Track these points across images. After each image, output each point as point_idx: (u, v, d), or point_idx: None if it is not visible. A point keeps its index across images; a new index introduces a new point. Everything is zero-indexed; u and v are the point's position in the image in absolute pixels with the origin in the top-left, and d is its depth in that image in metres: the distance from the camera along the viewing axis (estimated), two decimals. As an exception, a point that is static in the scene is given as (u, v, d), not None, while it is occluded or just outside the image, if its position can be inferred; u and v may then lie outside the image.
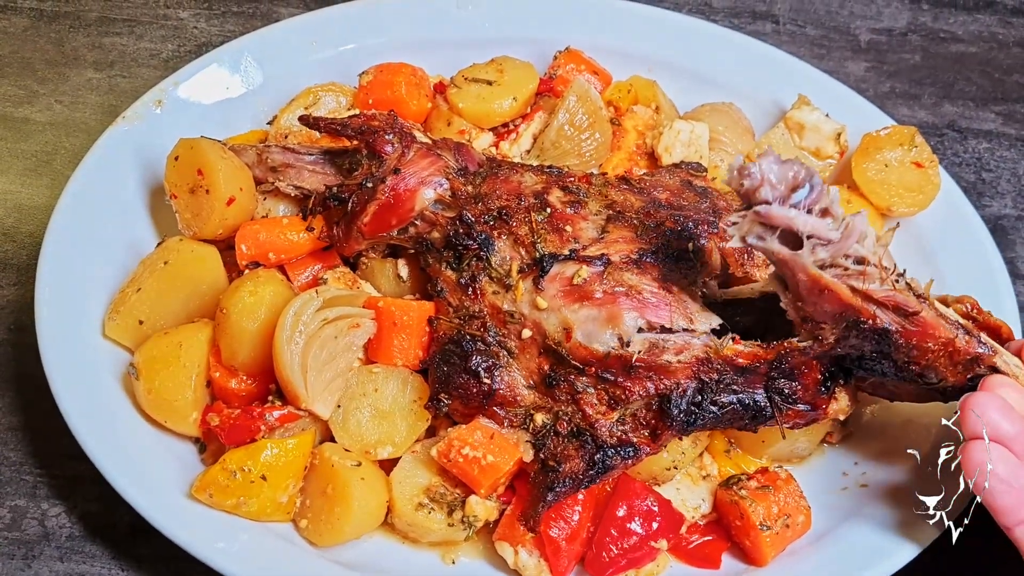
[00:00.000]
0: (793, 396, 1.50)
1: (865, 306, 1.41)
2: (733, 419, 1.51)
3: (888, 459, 1.70)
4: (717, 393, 1.48)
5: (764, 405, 1.50)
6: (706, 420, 1.49)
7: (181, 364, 1.58)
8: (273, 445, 1.52)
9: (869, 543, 1.59)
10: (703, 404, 1.48)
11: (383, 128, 1.65)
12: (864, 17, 2.47)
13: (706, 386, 1.48)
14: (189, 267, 1.65)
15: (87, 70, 2.21)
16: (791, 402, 1.50)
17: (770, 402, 1.50)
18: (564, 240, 1.56)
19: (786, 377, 1.49)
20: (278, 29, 2.00)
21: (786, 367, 1.48)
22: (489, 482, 1.52)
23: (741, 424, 1.52)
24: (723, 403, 1.49)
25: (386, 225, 1.63)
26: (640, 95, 1.99)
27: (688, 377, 1.48)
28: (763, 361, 1.48)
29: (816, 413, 1.52)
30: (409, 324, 1.60)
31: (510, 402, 1.53)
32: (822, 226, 1.34)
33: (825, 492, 1.68)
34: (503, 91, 1.89)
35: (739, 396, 1.49)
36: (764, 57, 2.08)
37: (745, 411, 1.50)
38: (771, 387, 1.50)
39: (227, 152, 1.71)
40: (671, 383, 1.48)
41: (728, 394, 1.49)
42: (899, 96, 2.34)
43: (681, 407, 1.47)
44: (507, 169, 1.68)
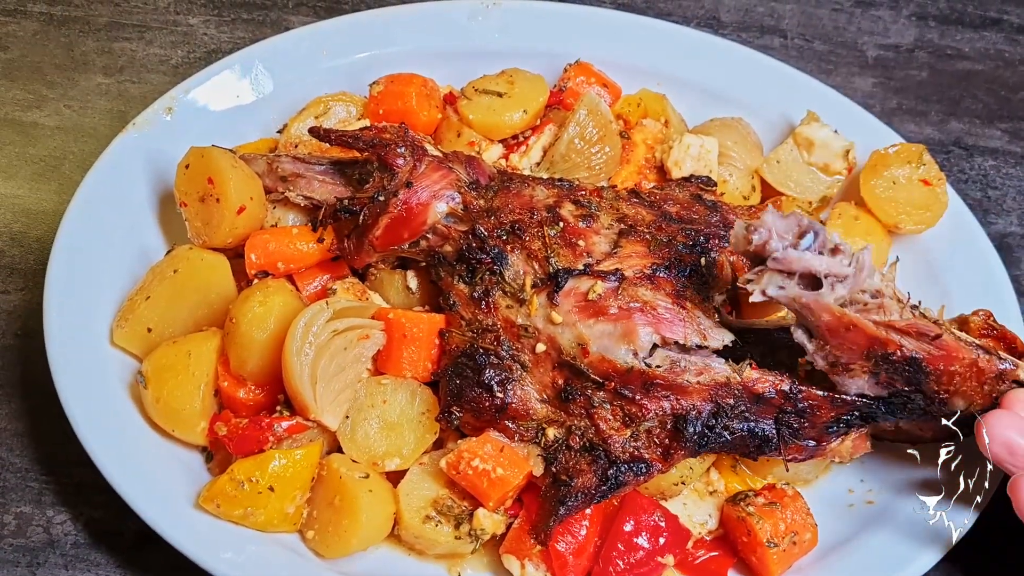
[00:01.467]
0: (800, 432, 1.52)
1: (891, 337, 1.43)
2: (739, 446, 1.53)
3: (894, 477, 1.70)
4: (731, 419, 1.50)
5: (771, 436, 1.52)
6: (716, 444, 1.51)
7: (190, 373, 1.58)
8: (281, 456, 1.52)
9: (875, 560, 1.59)
10: (716, 428, 1.49)
11: (395, 141, 1.65)
12: (871, 33, 2.47)
13: (721, 410, 1.50)
14: (199, 276, 1.65)
15: (96, 75, 2.21)
16: (797, 437, 1.52)
17: (777, 433, 1.52)
18: (577, 254, 1.56)
19: (797, 413, 1.51)
20: (289, 37, 2.00)
21: (801, 404, 1.50)
22: (498, 495, 1.52)
23: (745, 451, 1.54)
24: (734, 429, 1.50)
25: (398, 238, 1.64)
26: (649, 109, 1.99)
27: (705, 399, 1.50)
28: (777, 390, 1.50)
29: (817, 449, 1.54)
30: (419, 336, 1.60)
31: (522, 416, 1.53)
32: (837, 263, 1.38)
33: (831, 509, 1.68)
34: (513, 103, 1.89)
35: (750, 424, 1.51)
36: (773, 72, 2.08)
37: (752, 439, 1.52)
38: (781, 419, 1.52)
39: (238, 161, 1.71)
40: (688, 404, 1.49)
41: (740, 421, 1.50)
42: (906, 112, 2.35)
43: (696, 428, 1.48)
44: (519, 183, 1.68)
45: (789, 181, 1.95)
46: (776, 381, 1.51)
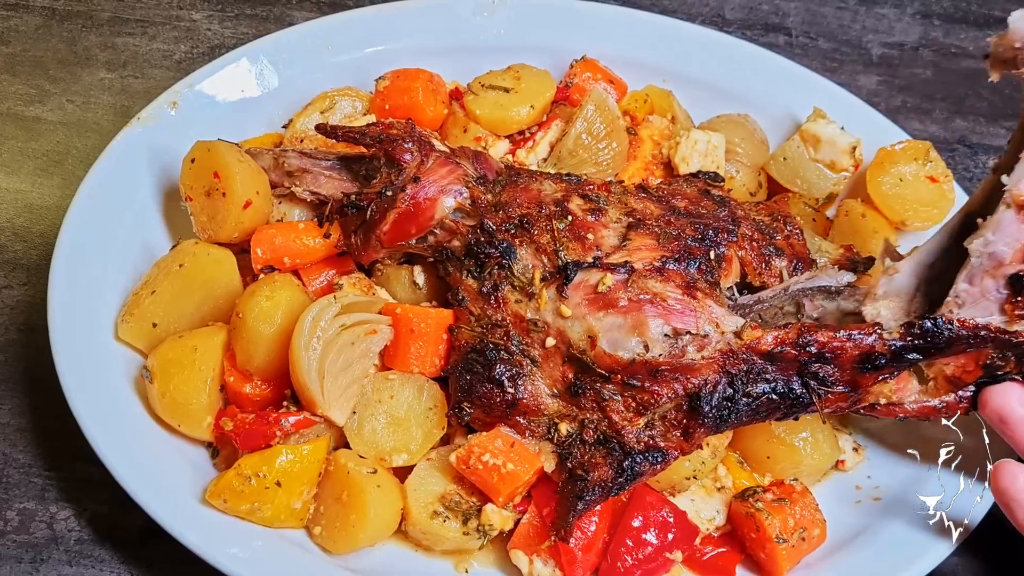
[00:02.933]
0: (830, 379, 1.48)
1: None
2: (769, 410, 1.49)
3: (901, 472, 1.70)
4: (748, 384, 1.47)
5: (800, 392, 1.48)
6: (740, 414, 1.48)
7: (196, 368, 1.57)
8: (288, 451, 1.51)
9: (883, 556, 1.59)
10: (735, 397, 1.46)
11: (402, 136, 1.65)
12: (876, 31, 2.47)
13: (735, 378, 1.47)
14: (205, 270, 1.64)
15: (99, 70, 2.20)
16: (828, 384, 1.48)
17: (806, 388, 1.48)
18: (586, 248, 1.55)
19: (819, 360, 1.47)
20: (294, 32, 1.99)
21: (817, 350, 1.46)
22: (508, 490, 1.51)
23: (779, 415, 1.50)
24: (756, 394, 1.47)
25: (406, 234, 1.63)
26: (656, 105, 1.99)
27: (715, 372, 1.47)
28: (788, 343, 1.47)
29: (858, 394, 1.50)
30: (427, 331, 1.59)
31: (533, 411, 1.53)
32: None
33: (839, 505, 1.67)
34: (520, 98, 1.88)
35: (772, 385, 1.47)
36: (779, 69, 2.08)
37: (781, 400, 1.48)
38: (805, 372, 1.47)
39: (244, 155, 1.70)
40: (699, 380, 1.47)
41: (760, 383, 1.47)
42: (911, 110, 2.35)
43: (712, 403, 1.46)
44: (526, 177, 1.68)
45: (796, 178, 1.94)
46: (782, 335, 1.47)
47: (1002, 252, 1.43)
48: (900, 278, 1.51)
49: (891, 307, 1.50)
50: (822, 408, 1.51)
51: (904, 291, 1.51)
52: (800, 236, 1.71)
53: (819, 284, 1.59)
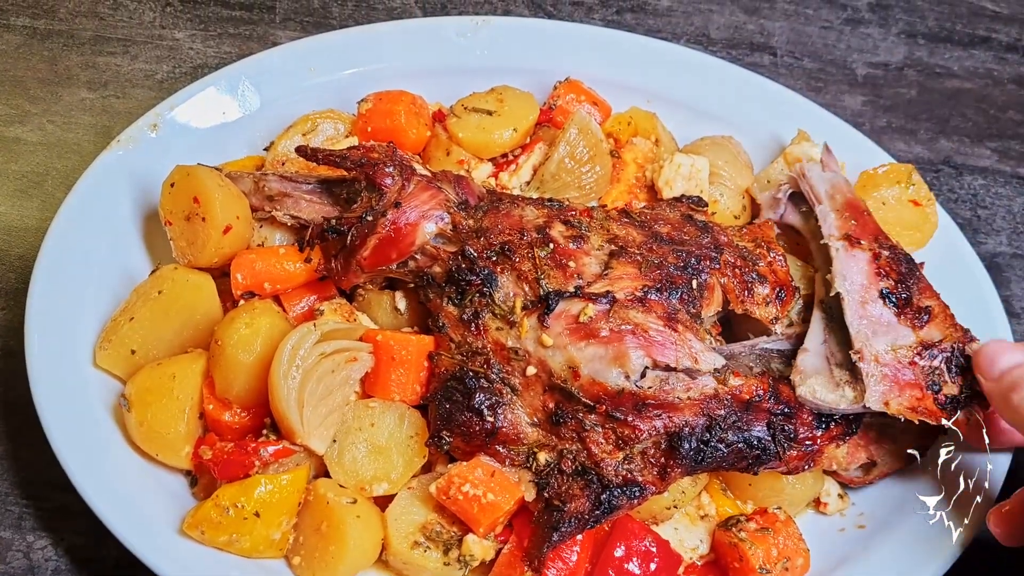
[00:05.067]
0: (793, 433, 1.52)
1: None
2: (738, 459, 1.52)
3: (884, 500, 1.69)
4: (725, 430, 1.49)
5: (767, 443, 1.51)
6: (713, 458, 1.50)
7: (174, 396, 1.55)
8: (267, 481, 1.49)
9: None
10: (711, 442, 1.49)
11: (383, 160, 1.64)
12: (861, 51, 2.48)
13: (714, 423, 1.49)
14: (184, 296, 1.62)
15: (80, 90, 2.18)
16: (791, 439, 1.52)
17: (772, 439, 1.50)
18: (568, 276, 1.55)
19: (785, 415, 1.52)
20: (276, 54, 1.98)
21: (783, 401, 1.51)
22: (488, 521, 1.50)
23: (744, 465, 1.52)
24: (729, 441, 1.50)
25: (386, 259, 1.62)
26: (640, 127, 1.98)
27: (697, 414, 1.49)
28: (763, 393, 1.51)
29: (815, 453, 1.54)
30: (407, 359, 1.58)
31: (513, 440, 1.51)
32: None
33: (823, 533, 1.67)
34: (503, 121, 1.88)
35: (744, 434, 1.50)
36: (763, 91, 2.08)
37: (749, 449, 1.51)
38: (773, 424, 1.52)
39: (224, 180, 1.68)
40: (681, 420, 1.48)
41: (734, 432, 1.50)
42: (895, 131, 2.35)
43: (692, 444, 1.48)
44: (508, 203, 1.67)
45: (780, 201, 1.94)
46: (758, 384, 1.52)
47: (860, 282, 1.61)
48: (810, 359, 1.59)
49: (820, 382, 1.56)
50: (784, 464, 1.54)
51: (821, 366, 1.58)
52: (783, 263, 1.70)
53: (777, 347, 1.61)
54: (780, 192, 1.85)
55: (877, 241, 1.69)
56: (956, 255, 1.92)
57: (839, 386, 1.55)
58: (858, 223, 1.71)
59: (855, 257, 1.64)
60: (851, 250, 1.66)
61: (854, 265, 1.64)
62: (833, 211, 1.73)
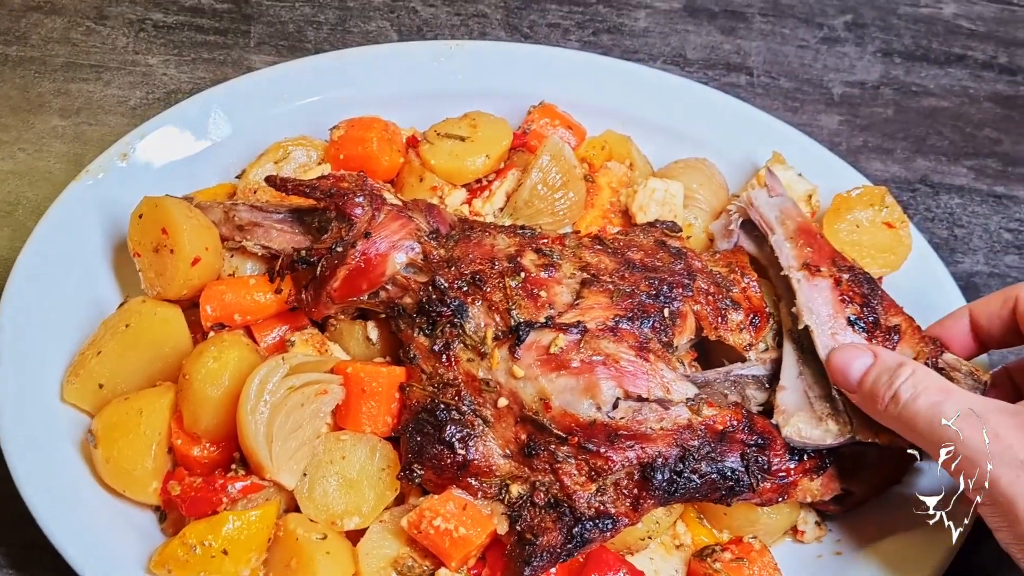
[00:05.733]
0: (767, 465, 1.51)
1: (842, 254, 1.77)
2: (711, 491, 1.50)
3: (860, 526, 1.68)
4: (698, 461, 1.48)
5: (740, 475, 1.50)
6: (686, 490, 1.48)
7: (141, 432, 1.53)
8: (235, 518, 1.47)
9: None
10: (684, 473, 1.47)
11: (352, 190, 1.62)
12: (837, 70, 2.48)
13: (688, 454, 1.48)
14: (152, 330, 1.61)
15: (52, 117, 2.16)
16: (765, 471, 1.50)
17: (746, 470, 1.49)
18: (539, 306, 1.53)
19: (759, 447, 1.51)
20: (247, 80, 1.97)
21: (757, 432, 1.50)
22: (460, 555, 1.48)
23: (718, 496, 1.51)
24: (703, 472, 1.48)
25: (356, 290, 1.60)
26: (614, 151, 1.97)
27: (670, 445, 1.48)
28: (737, 423, 1.50)
29: (788, 486, 1.52)
30: (378, 390, 1.57)
31: (485, 472, 1.50)
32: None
33: (800, 560, 1.65)
34: (476, 147, 1.86)
35: (718, 465, 1.49)
36: (738, 113, 2.07)
37: (723, 480, 1.49)
38: (747, 455, 1.50)
39: (192, 210, 1.67)
40: (653, 451, 1.47)
41: (708, 463, 1.48)
42: (872, 150, 2.35)
43: (664, 475, 1.46)
44: (479, 231, 1.65)
45: (754, 224, 1.93)
46: (731, 414, 1.51)
47: (827, 313, 1.60)
48: (790, 396, 1.57)
49: (803, 419, 1.54)
50: (759, 496, 1.52)
51: (801, 402, 1.56)
52: (757, 288, 1.69)
53: (752, 373, 1.60)
54: (731, 223, 1.83)
55: (835, 265, 1.66)
56: (931, 278, 1.91)
57: (822, 420, 1.53)
58: (813, 249, 1.68)
59: (817, 287, 1.62)
60: (812, 279, 1.63)
61: (818, 296, 1.61)
62: (787, 239, 1.70)
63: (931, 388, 1.42)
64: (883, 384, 1.45)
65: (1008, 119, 2.45)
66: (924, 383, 1.42)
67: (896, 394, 1.42)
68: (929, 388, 1.42)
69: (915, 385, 1.42)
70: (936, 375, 1.46)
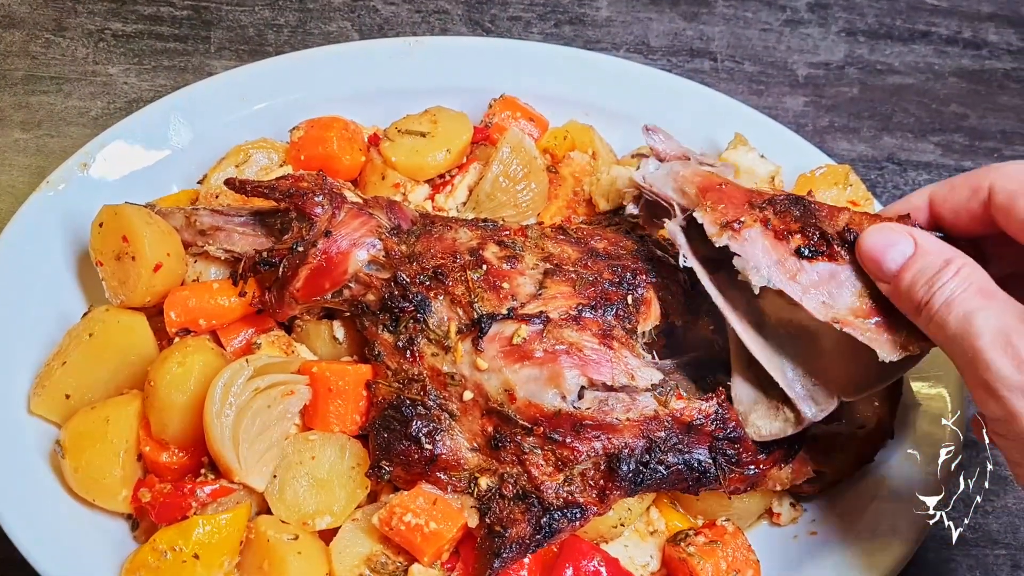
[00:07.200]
0: (736, 458, 1.50)
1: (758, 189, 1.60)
2: (678, 481, 1.50)
3: (835, 505, 1.69)
4: (664, 452, 1.47)
5: (708, 466, 1.49)
6: (653, 480, 1.48)
7: (108, 440, 1.52)
8: (205, 522, 1.47)
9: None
10: (650, 464, 1.47)
11: (312, 189, 1.62)
12: (801, 51, 2.48)
13: (654, 445, 1.47)
14: (116, 338, 1.60)
15: (14, 130, 2.15)
16: (733, 464, 1.50)
17: (714, 463, 1.49)
18: (501, 298, 1.53)
19: (729, 440, 1.50)
20: (206, 85, 1.95)
21: (730, 426, 1.49)
22: (432, 550, 1.48)
23: (684, 486, 1.51)
24: (669, 463, 1.48)
25: (320, 289, 1.60)
26: (577, 141, 1.97)
27: (636, 436, 1.47)
28: (706, 416, 1.48)
29: (757, 476, 1.52)
30: (345, 389, 1.56)
31: (453, 466, 1.50)
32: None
33: (777, 541, 1.66)
34: (437, 143, 1.86)
35: (684, 456, 1.48)
36: (702, 99, 2.06)
37: (689, 472, 1.49)
38: (715, 447, 1.50)
39: (153, 217, 1.66)
40: (620, 442, 1.46)
41: (675, 454, 1.48)
42: (838, 130, 2.35)
43: (630, 466, 1.46)
44: (441, 226, 1.65)
45: (720, 207, 1.92)
46: (702, 407, 1.49)
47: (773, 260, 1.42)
48: (741, 388, 1.51)
49: (760, 414, 1.50)
50: (726, 487, 1.52)
51: (755, 394, 1.51)
52: (720, 271, 1.69)
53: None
54: (633, 208, 1.68)
55: (754, 206, 1.47)
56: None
57: (779, 409, 1.49)
58: (725, 203, 1.47)
59: (748, 240, 1.42)
60: (738, 236, 1.43)
61: (752, 249, 1.42)
62: (696, 208, 1.49)
63: (971, 291, 1.21)
64: (922, 284, 1.25)
65: (974, 93, 2.46)
66: (968, 280, 1.22)
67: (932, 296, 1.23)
68: (969, 291, 1.21)
69: (955, 287, 1.22)
70: (983, 274, 1.24)
